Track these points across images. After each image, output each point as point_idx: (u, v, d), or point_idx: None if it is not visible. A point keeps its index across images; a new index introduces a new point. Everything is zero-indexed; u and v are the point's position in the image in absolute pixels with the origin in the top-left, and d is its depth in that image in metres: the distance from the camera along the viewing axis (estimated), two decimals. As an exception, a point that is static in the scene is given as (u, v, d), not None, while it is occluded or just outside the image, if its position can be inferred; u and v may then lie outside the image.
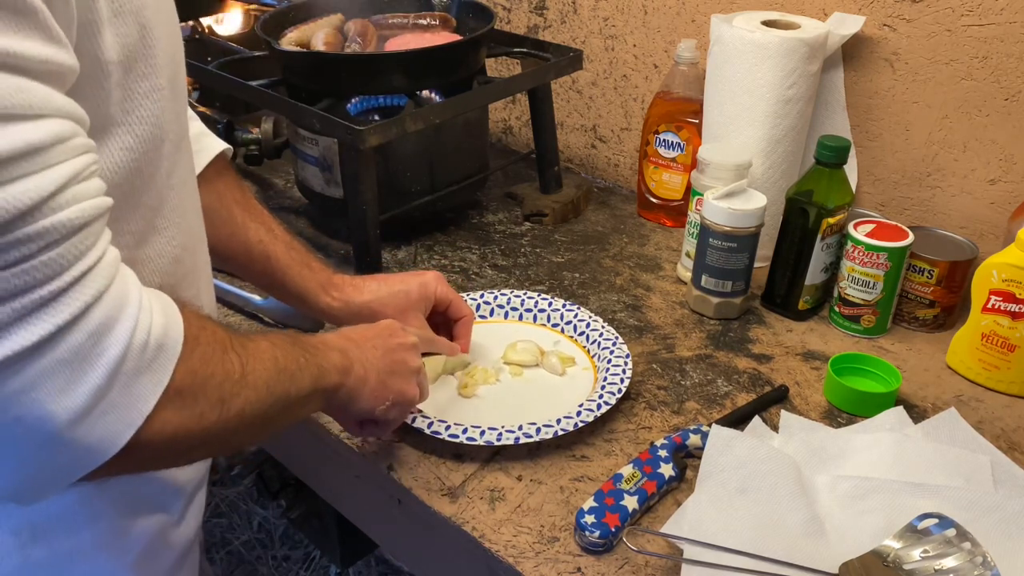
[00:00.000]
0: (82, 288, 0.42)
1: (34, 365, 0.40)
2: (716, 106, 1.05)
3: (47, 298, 0.40)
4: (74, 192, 0.41)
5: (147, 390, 0.45)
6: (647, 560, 0.67)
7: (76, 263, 0.41)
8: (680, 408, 0.84)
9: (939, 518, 0.64)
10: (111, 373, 0.43)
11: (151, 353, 0.45)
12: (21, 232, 0.38)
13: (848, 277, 0.94)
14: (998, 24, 0.93)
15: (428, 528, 0.75)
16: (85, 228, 0.42)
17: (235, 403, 0.51)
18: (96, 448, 0.43)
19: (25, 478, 0.44)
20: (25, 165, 0.38)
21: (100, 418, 0.43)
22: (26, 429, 0.41)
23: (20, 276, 0.39)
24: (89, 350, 0.42)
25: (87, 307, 0.42)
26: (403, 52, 1.07)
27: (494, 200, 1.27)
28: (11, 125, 0.38)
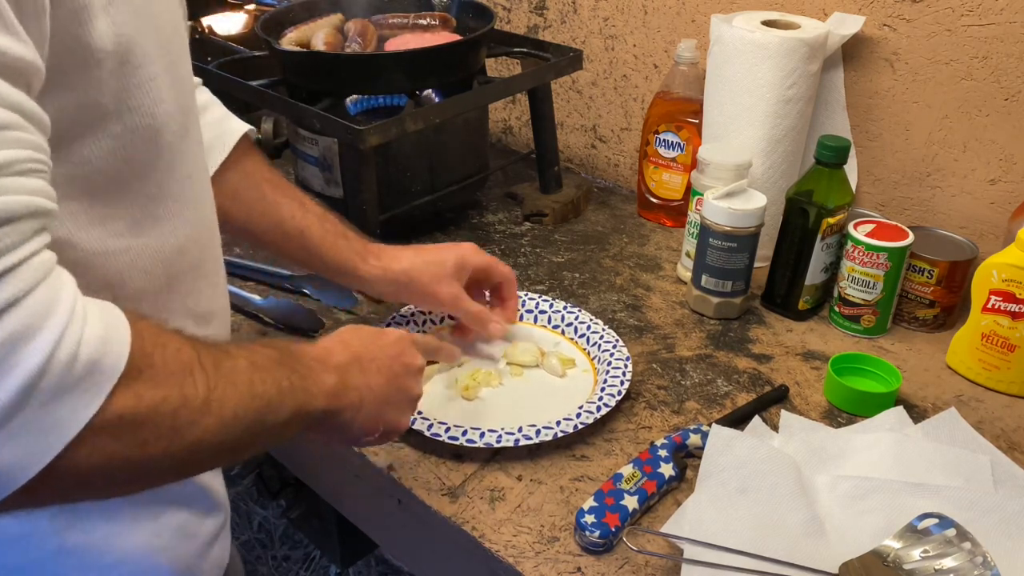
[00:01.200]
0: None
1: None
2: (716, 106, 1.05)
3: None
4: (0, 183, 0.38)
5: (72, 413, 0.39)
6: (647, 560, 0.67)
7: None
8: (680, 408, 0.84)
9: (939, 518, 0.64)
10: (24, 389, 0.37)
11: (80, 371, 0.39)
12: None
13: (848, 277, 0.94)
14: (998, 24, 0.93)
15: (428, 528, 0.75)
16: (9, 223, 0.38)
17: (191, 432, 0.45)
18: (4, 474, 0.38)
19: None
20: None
21: (8, 440, 0.37)
22: None
23: None
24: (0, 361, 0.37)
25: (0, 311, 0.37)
26: (403, 52, 1.07)
27: (494, 200, 1.27)
28: None
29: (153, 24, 0.50)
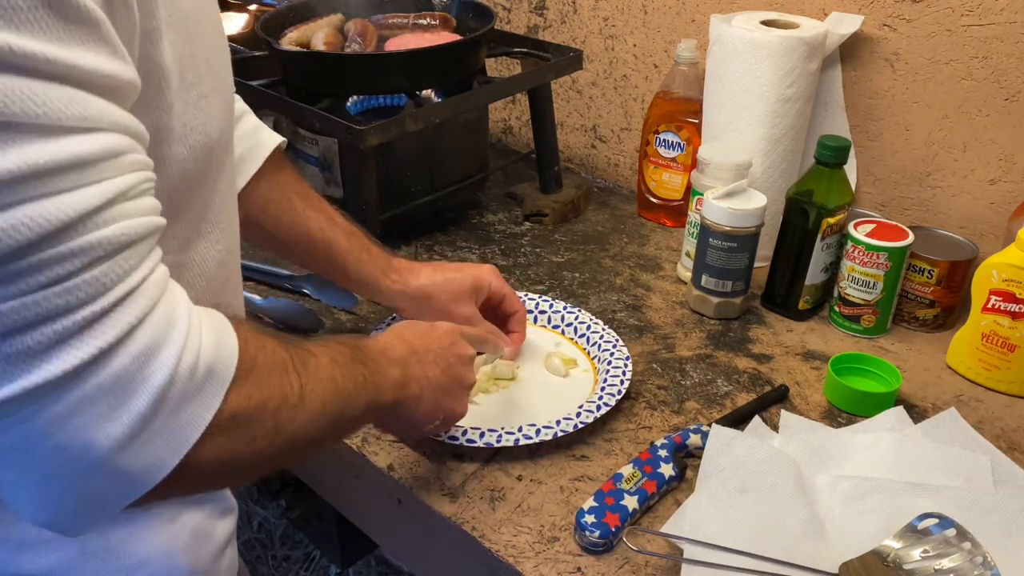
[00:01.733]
0: (126, 309, 0.40)
1: (75, 391, 0.38)
2: (716, 106, 1.05)
3: (90, 319, 0.38)
4: (122, 209, 0.40)
5: (195, 416, 0.43)
6: (647, 560, 0.67)
7: (120, 282, 0.39)
8: (680, 408, 0.84)
9: (939, 518, 0.64)
10: (157, 399, 0.40)
11: (200, 377, 0.43)
12: (64, 247, 0.37)
13: (848, 277, 0.94)
14: (998, 24, 0.93)
15: (428, 528, 0.75)
16: (131, 246, 0.40)
17: (290, 427, 0.49)
18: (140, 476, 0.41)
19: (69, 508, 0.42)
20: (72, 178, 0.37)
21: (144, 446, 0.41)
22: (68, 458, 0.39)
23: (62, 295, 0.37)
24: (133, 375, 0.40)
25: (131, 329, 0.40)
26: (403, 52, 1.07)
27: (494, 200, 1.27)
28: (62, 137, 0.36)
29: (204, 41, 0.51)
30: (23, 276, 0.36)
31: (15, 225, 0.35)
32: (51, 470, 0.40)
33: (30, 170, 0.35)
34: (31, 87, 0.35)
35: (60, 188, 0.37)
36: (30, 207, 0.36)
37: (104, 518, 0.43)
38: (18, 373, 0.37)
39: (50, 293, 0.37)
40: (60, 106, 0.36)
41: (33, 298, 0.36)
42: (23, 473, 0.40)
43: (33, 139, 0.36)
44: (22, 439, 0.38)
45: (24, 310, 0.36)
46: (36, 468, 0.40)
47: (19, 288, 0.36)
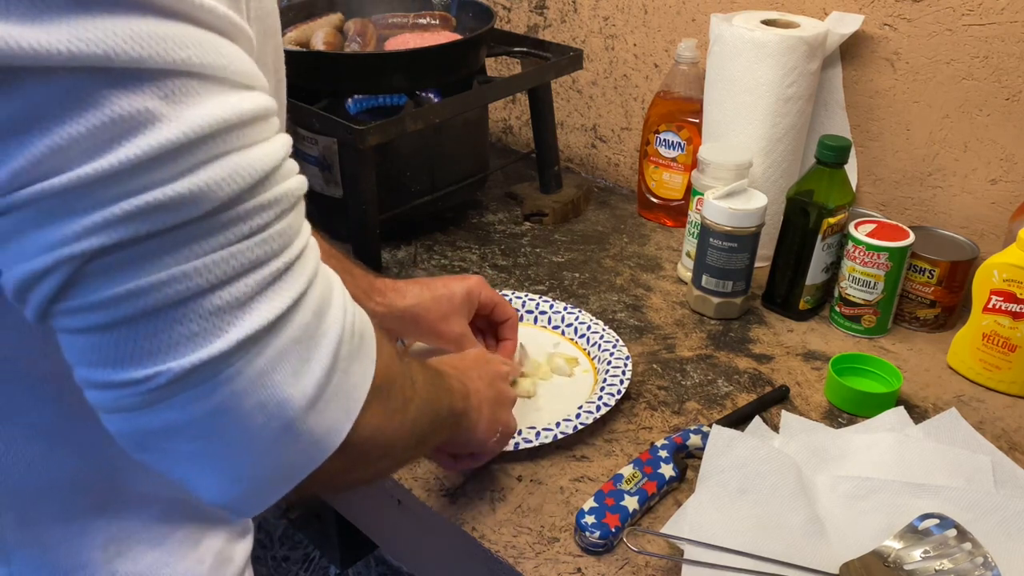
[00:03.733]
0: (304, 263, 0.40)
1: (273, 343, 0.38)
2: (716, 105, 1.05)
3: (282, 270, 0.38)
4: (290, 164, 0.40)
5: (361, 377, 0.43)
6: (647, 560, 0.67)
7: (299, 235, 0.40)
8: (680, 408, 0.84)
9: (940, 518, 0.64)
10: (334, 355, 0.41)
11: (358, 339, 0.43)
12: (263, 197, 0.37)
13: (849, 277, 0.94)
14: (999, 24, 0.92)
15: (428, 528, 0.75)
16: (301, 201, 0.41)
17: (412, 408, 0.49)
18: (323, 440, 0.41)
19: (259, 479, 0.41)
20: (260, 130, 0.37)
21: (327, 405, 0.40)
22: (267, 418, 0.38)
23: (261, 245, 0.37)
24: (315, 329, 0.40)
25: (310, 283, 0.40)
26: (403, 52, 1.07)
27: (494, 200, 1.27)
28: (242, 91, 0.37)
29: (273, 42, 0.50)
30: (231, 226, 0.36)
31: (231, 174, 0.35)
32: (249, 434, 0.38)
33: (235, 118, 0.36)
34: (215, 40, 0.35)
35: (255, 139, 0.37)
36: (239, 156, 0.36)
37: (284, 491, 0.42)
38: (226, 327, 0.36)
39: (252, 243, 0.37)
40: (237, 60, 0.37)
41: (238, 247, 0.36)
42: (222, 440, 0.39)
43: (225, 90, 0.36)
44: (227, 399, 0.37)
45: (232, 260, 0.36)
46: (236, 432, 0.38)
47: (227, 238, 0.36)
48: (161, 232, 0.34)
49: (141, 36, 0.32)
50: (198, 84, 0.34)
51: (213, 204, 0.35)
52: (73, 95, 0.32)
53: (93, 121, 0.32)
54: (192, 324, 0.36)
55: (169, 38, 0.33)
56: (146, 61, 0.33)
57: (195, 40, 0.34)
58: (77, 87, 0.32)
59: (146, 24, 0.33)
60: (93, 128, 0.32)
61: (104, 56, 0.32)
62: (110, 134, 0.32)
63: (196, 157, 0.34)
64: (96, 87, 0.32)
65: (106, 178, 0.33)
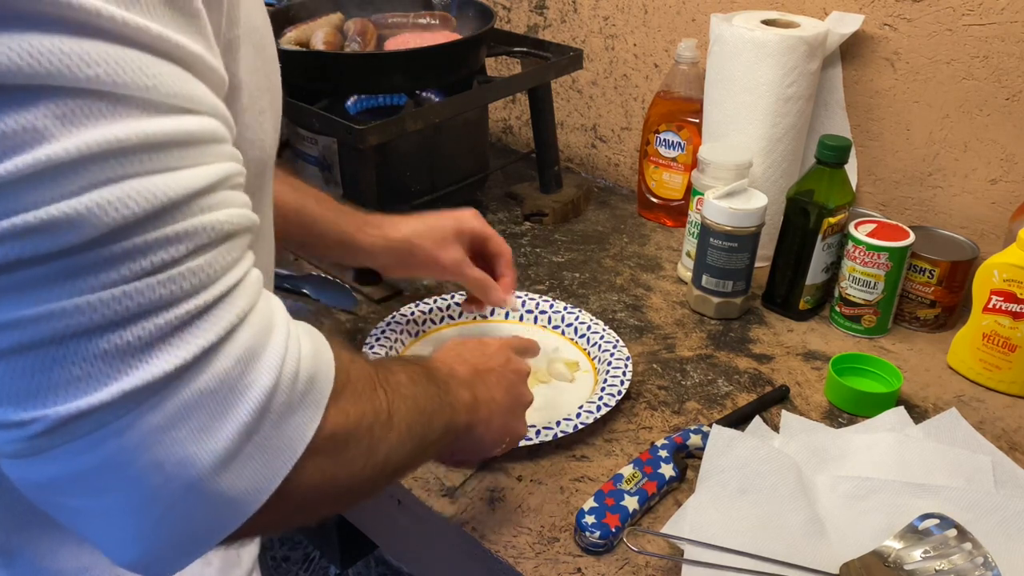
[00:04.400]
0: (228, 306, 0.36)
1: (176, 396, 0.34)
2: (716, 105, 1.05)
3: (193, 314, 0.34)
4: (225, 196, 0.37)
5: (298, 431, 0.38)
6: (647, 561, 0.67)
7: (223, 276, 0.36)
8: (681, 408, 0.84)
9: (940, 518, 0.64)
10: (260, 408, 0.36)
11: (302, 387, 0.39)
12: (170, 229, 0.33)
13: (849, 277, 0.94)
14: (999, 23, 0.92)
15: (428, 528, 0.75)
16: (233, 237, 0.37)
17: (381, 448, 0.45)
18: (241, 500, 0.37)
19: (163, 542, 0.37)
20: (178, 156, 0.34)
21: (246, 464, 0.36)
22: (165, 478, 0.34)
23: (166, 285, 0.33)
24: (235, 380, 0.36)
25: (233, 328, 0.36)
26: (403, 51, 1.07)
27: (494, 200, 1.27)
28: (168, 115, 0.34)
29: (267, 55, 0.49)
30: (126, 260, 0.33)
31: (121, 199, 0.32)
32: (145, 494, 0.35)
33: (139, 142, 0.33)
34: (142, 59, 0.33)
35: (167, 165, 0.34)
36: (137, 182, 0.33)
37: (197, 554, 0.38)
38: (115, 374, 0.33)
39: (153, 282, 0.33)
40: (169, 82, 0.34)
41: (136, 286, 0.33)
42: (112, 499, 0.35)
43: (141, 113, 0.33)
44: (115, 455, 0.34)
45: (126, 299, 0.33)
46: (128, 492, 0.35)
47: (120, 274, 0.32)
48: (40, 259, 0.31)
49: (42, 52, 0.30)
50: (105, 105, 0.32)
51: (98, 231, 0.32)
52: None
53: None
54: (74, 367, 0.32)
55: (76, 55, 0.31)
56: (46, 78, 0.30)
57: (111, 58, 0.32)
58: None
59: (51, 40, 0.30)
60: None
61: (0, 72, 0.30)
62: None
63: (82, 179, 0.31)
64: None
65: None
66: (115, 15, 0.32)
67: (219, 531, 0.37)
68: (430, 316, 0.95)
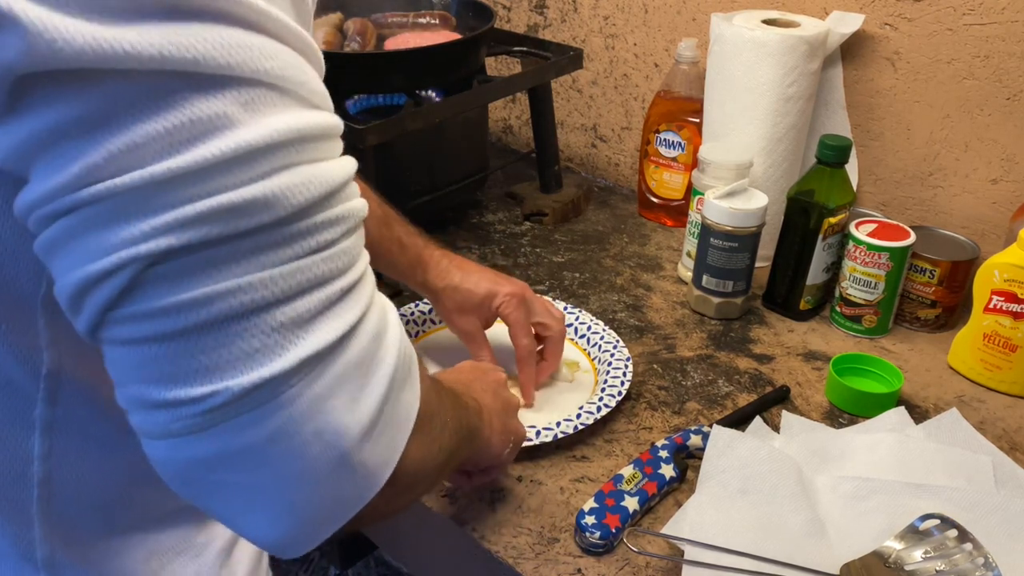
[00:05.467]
0: (364, 285, 0.39)
1: (332, 367, 0.36)
2: (717, 105, 1.05)
3: (345, 290, 0.37)
4: (355, 185, 0.40)
5: (410, 405, 0.41)
6: (648, 561, 0.67)
7: (361, 257, 0.39)
8: (681, 408, 0.84)
9: (941, 519, 0.64)
10: (390, 382, 0.39)
11: (407, 365, 0.41)
12: (332, 212, 0.36)
13: (849, 277, 0.94)
14: (1000, 23, 0.92)
15: (428, 529, 0.75)
16: (363, 224, 0.40)
17: (446, 435, 0.48)
18: (375, 472, 0.39)
19: (309, 516, 0.38)
20: (330, 147, 0.37)
21: (381, 435, 0.39)
22: (323, 447, 0.36)
23: (327, 262, 0.36)
24: (373, 354, 0.38)
25: (369, 306, 0.39)
26: (403, 51, 1.07)
27: (494, 200, 1.27)
28: (316, 109, 0.37)
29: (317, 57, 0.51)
30: (301, 238, 0.35)
31: (304, 182, 0.35)
32: (306, 464, 0.36)
33: (310, 131, 0.35)
34: (296, 59, 0.36)
35: (326, 155, 0.37)
36: (312, 167, 0.36)
37: (331, 531, 0.39)
38: (288, 344, 0.35)
39: (319, 258, 0.36)
40: (313, 79, 0.37)
41: (306, 261, 0.35)
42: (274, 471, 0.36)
43: (300, 105, 0.36)
44: (284, 425, 0.35)
45: (299, 274, 0.35)
46: (291, 461, 0.36)
47: (295, 251, 0.35)
48: (231, 237, 0.33)
49: (229, 44, 0.33)
50: (277, 96, 0.34)
51: (286, 211, 0.34)
52: (154, 95, 0.32)
53: (172, 121, 0.32)
54: (254, 339, 0.34)
55: (256, 48, 0.33)
56: (232, 68, 0.33)
57: (278, 53, 0.34)
58: (160, 88, 0.32)
59: (234, 34, 0.33)
60: (171, 128, 0.32)
61: (192, 60, 0.32)
62: (187, 135, 0.32)
63: (271, 163, 0.34)
64: (179, 89, 0.32)
65: (179, 178, 0.32)
66: (279, 17, 0.35)
67: (355, 504, 0.39)
68: (430, 316, 0.95)
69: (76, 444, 0.46)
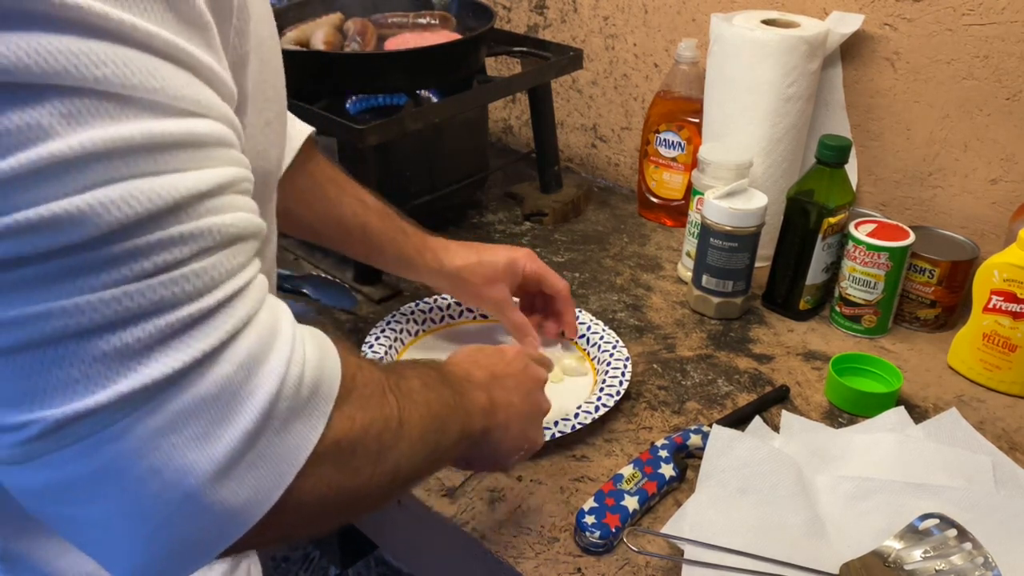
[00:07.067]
0: (232, 310, 0.35)
1: (174, 401, 0.33)
2: (716, 105, 1.05)
3: (196, 317, 0.34)
4: (232, 200, 0.36)
5: (301, 438, 0.38)
6: (647, 561, 0.67)
7: (228, 280, 0.35)
8: (681, 408, 0.84)
9: (940, 518, 0.64)
10: (263, 415, 0.36)
11: (306, 393, 0.38)
12: (174, 230, 0.33)
13: (849, 277, 0.94)
14: (999, 23, 0.92)
15: (428, 529, 0.75)
16: (240, 241, 0.37)
17: (391, 456, 0.44)
18: (242, 510, 0.36)
19: (161, 554, 0.36)
20: (185, 157, 0.34)
21: (247, 472, 0.35)
22: (163, 485, 0.34)
23: (168, 286, 0.33)
24: (238, 386, 0.35)
25: (236, 332, 0.35)
26: (403, 51, 1.07)
27: (494, 200, 1.27)
28: (176, 117, 0.34)
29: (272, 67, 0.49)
30: (127, 260, 0.32)
31: (124, 198, 0.32)
32: (142, 502, 0.34)
33: (145, 142, 0.32)
34: (150, 63, 0.33)
35: (173, 167, 0.33)
36: (141, 182, 0.32)
37: (196, 566, 0.37)
38: (113, 376, 0.32)
39: (155, 283, 0.33)
40: (177, 85, 0.34)
41: (137, 287, 0.32)
42: (108, 508, 0.34)
43: (149, 114, 0.33)
44: (111, 461, 0.33)
45: (126, 300, 0.32)
46: (124, 500, 0.34)
47: (121, 274, 0.32)
48: (37, 258, 0.31)
49: (50, 51, 0.30)
50: (112, 106, 0.32)
51: (100, 230, 0.31)
52: None
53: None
54: (72, 368, 0.32)
55: (84, 55, 0.31)
56: (51, 77, 0.30)
57: (119, 59, 0.32)
58: None
59: (59, 40, 0.30)
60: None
61: (3, 70, 0.30)
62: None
63: (85, 177, 0.31)
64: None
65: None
66: (124, 19, 0.32)
67: (218, 543, 0.36)
68: (430, 316, 0.95)
69: None
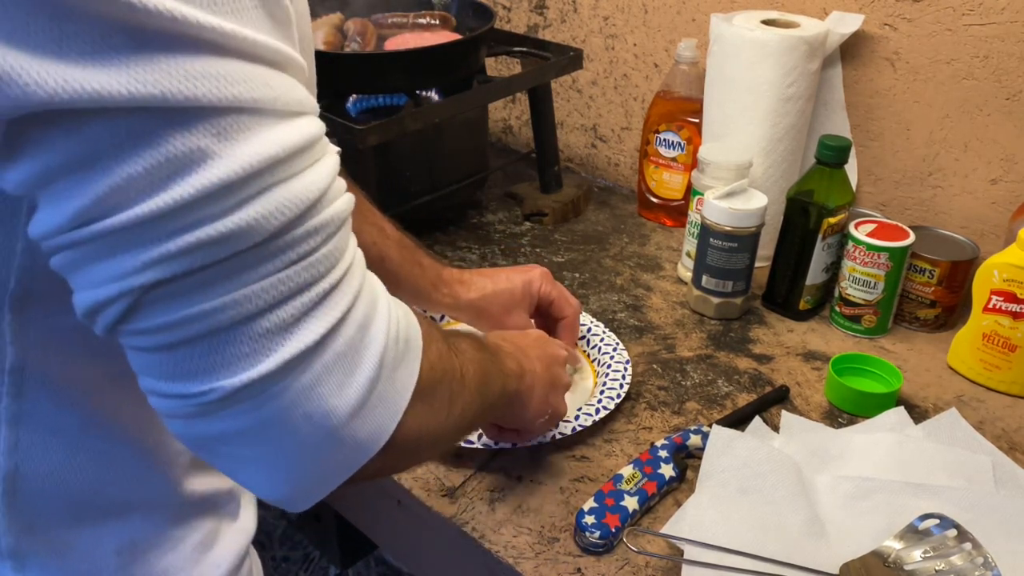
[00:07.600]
0: (349, 281, 0.42)
1: (318, 360, 0.40)
2: (716, 105, 1.05)
3: (327, 290, 0.40)
4: (337, 186, 0.42)
5: (405, 382, 0.45)
6: (647, 561, 0.67)
7: (344, 256, 0.42)
8: (680, 408, 0.84)
9: (940, 519, 0.64)
10: (379, 365, 0.43)
11: (402, 345, 0.45)
12: (309, 225, 0.39)
13: (849, 277, 0.94)
14: (999, 23, 0.92)
15: (428, 528, 0.75)
16: (347, 222, 0.42)
17: (458, 403, 0.51)
18: (366, 443, 0.43)
19: (306, 480, 0.44)
20: (306, 158, 0.39)
21: (371, 412, 0.43)
22: (312, 428, 0.41)
23: (307, 270, 0.39)
24: (359, 342, 0.42)
25: (355, 299, 0.42)
26: (403, 51, 1.07)
27: (494, 200, 1.27)
28: (291, 120, 0.38)
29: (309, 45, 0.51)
30: (279, 254, 0.38)
31: (278, 207, 0.37)
32: (297, 442, 0.41)
33: (282, 150, 0.37)
34: (263, 74, 0.37)
35: (302, 168, 0.39)
36: (284, 187, 0.38)
37: (330, 489, 0.45)
38: (275, 347, 0.39)
39: (299, 268, 0.39)
40: (285, 89, 0.38)
41: (286, 274, 0.38)
42: (269, 448, 0.41)
43: (273, 123, 0.37)
44: (275, 413, 0.40)
45: (280, 286, 0.38)
46: (283, 441, 0.41)
47: (275, 266, 0.38)
48: (213, 264, 0.36)
49: (195, 75, 0.34)
50: (248, 119, 0.36)
51: (262, 236, 0.37)
52: (132, 135, 0.33)
53: (150, 160, 0.34)
54: (243, 346, 0.38)
55: (221, 76, 0.34)
56: (200, 100, 0.34)
57: (245, 75, 0.36)
58: (135, 127, 0.33)
59: (199, 63, 0.34)
60: (150, 167, 0.34)
61: (160, 97, 0.33)
62: (166, 172, 0.34)
63: (246, 192, 0.36)
64: (153, 127, 0.34)
65: (162, 216, 0.35)
66: (244, 35, 0.35)
67: (349, 469, 0.44)
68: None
69: (42, 438, 0.47)
